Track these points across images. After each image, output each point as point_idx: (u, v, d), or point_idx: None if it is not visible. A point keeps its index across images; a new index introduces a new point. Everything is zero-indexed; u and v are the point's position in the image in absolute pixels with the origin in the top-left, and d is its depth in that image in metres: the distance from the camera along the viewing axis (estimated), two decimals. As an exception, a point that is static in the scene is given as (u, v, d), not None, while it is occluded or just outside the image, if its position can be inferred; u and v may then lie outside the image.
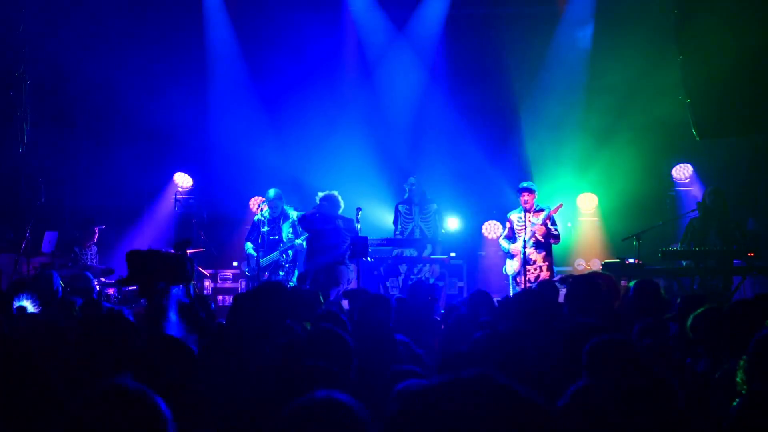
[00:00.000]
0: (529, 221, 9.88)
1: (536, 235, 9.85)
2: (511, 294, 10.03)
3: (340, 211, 9.84)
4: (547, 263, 9.92)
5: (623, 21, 12.10)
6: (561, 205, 10.05)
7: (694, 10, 9.87)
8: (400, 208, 10.98)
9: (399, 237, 10.87)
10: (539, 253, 9.92)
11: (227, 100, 13.06)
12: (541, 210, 9.98)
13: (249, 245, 10.49)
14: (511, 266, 10.10)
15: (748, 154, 11.65)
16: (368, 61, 13.10)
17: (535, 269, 9.89)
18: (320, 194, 9.91)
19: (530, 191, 9.91)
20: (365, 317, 4.64)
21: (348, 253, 9.46)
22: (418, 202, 10.97)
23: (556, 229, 9.94)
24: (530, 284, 9.37)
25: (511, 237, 10.13)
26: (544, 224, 9.88)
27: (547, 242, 9.96)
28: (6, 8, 11.22)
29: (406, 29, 13.05)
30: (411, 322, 5.43)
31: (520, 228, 9.98)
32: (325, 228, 9.60)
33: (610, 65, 12.09)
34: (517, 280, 9.91)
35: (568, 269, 11.48)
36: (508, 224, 10.26)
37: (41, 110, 11.79)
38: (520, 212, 10.04)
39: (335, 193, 9.85)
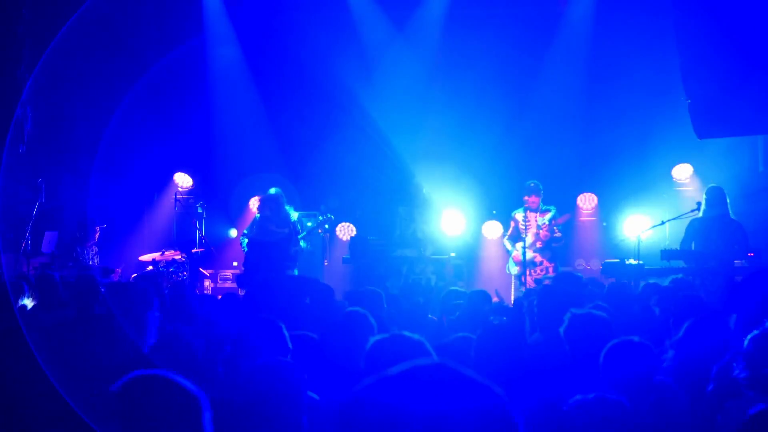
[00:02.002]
0: (535, 221, 9.95)
1: (540, 239, 9.95)
2: (513, 293, 10.09)
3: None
4: (553, 264, 10.03)
5: (624, 21, 12.10)
6: (568, 216, 10.18)
7: (694, 9, 9.85)
8: (400, 210, 10.98)
9: (399, 238, 10.87)
10: (545, 254, 10.01)
11: (227, 99, 13.06)
12: (547, 211, 10.05)
13: (245, 240, 10.45)
14: (514, 266, 10.13)
15: (748, 154, 11.66)
16: (368, 61, 13.09)
17: (542, 270, 9.96)
18: (272, 190, 9.74)
19: (536, 191, 9.99)
20: None
21: (295, 256, 9.28)
22: (419, 204, 10.98)
23: (559, 231, 10.05)
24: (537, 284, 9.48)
25: (516, 237, 10.16)
26: (549, 228, 9.97)
27: (550, 242, 10.05)
28: (6, 6, 11.22)
29: (406, 29, 13.04)
30: (405, 321, 5.46)
31: (525, 227, 10.05)
32: (282, 232, 9.36)
33: (611, 65, 12.10)
34: (522, 279, 9.97)
35: (567, 269, 11.49)
36: (512, 224, 10.27)
37: (41, 110, 11.79)
38: (524, 211, 10.09)
39: (278, 193, 9.62)
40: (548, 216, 9.99)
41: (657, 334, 4.67)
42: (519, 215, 10.15)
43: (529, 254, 9.99)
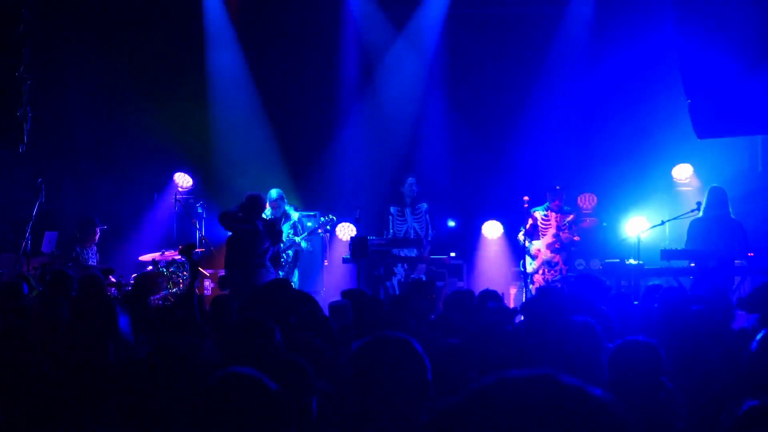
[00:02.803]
0: (555, 221, 10.07)
1: (561, 240, 10.07)
2: (526, 289, 10.21)
3: (265, 214, 9.64)
4: (567, 266, 10.12)
5: (623, 21, 12.12)
6: (596, 221, 10.34)
7: (694, 10, 9.86)
8: (391, 209, 11.00)
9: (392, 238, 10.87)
10: (562, 255, 10.10)
11: (227, 99, 13.05)
12: (569, 213, 10.16)
13: None
14: (530, 264, 10.18)
15: (748, 154, 11.66)
16: (368, 61, 13.09)
17: (556, 271, 10.05)
18: (273, 191, 9.80)
19: (559, 193, 10.13)
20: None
21: (269, 255, 9.24)
22: (410, 203, 10.98)
23: (578, 236, 10.20)
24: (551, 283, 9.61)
25: (533, 234, 10.19)
26: (571, 230, 10.08)
27: (568, 245, 10.15)
28: (6, 6, 11.22)
29: (406, 29, 13.04)
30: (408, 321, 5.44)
31: (545, 226, 10.11)
32: (245, 228, 9.35)
33: (611, 64, 12.10)
34: (534, 278, 10.05)
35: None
36: (530, 220, 10.28)
37: (41, 110, 11.79)
38: (545, 210, 10.15)
39: (261, 194, 9.60)
40: (569, 218, 10.09)
41: (660, 334, 4.67)
42: (539, 213, 10.21)
43: (547, 254, 10.08)
